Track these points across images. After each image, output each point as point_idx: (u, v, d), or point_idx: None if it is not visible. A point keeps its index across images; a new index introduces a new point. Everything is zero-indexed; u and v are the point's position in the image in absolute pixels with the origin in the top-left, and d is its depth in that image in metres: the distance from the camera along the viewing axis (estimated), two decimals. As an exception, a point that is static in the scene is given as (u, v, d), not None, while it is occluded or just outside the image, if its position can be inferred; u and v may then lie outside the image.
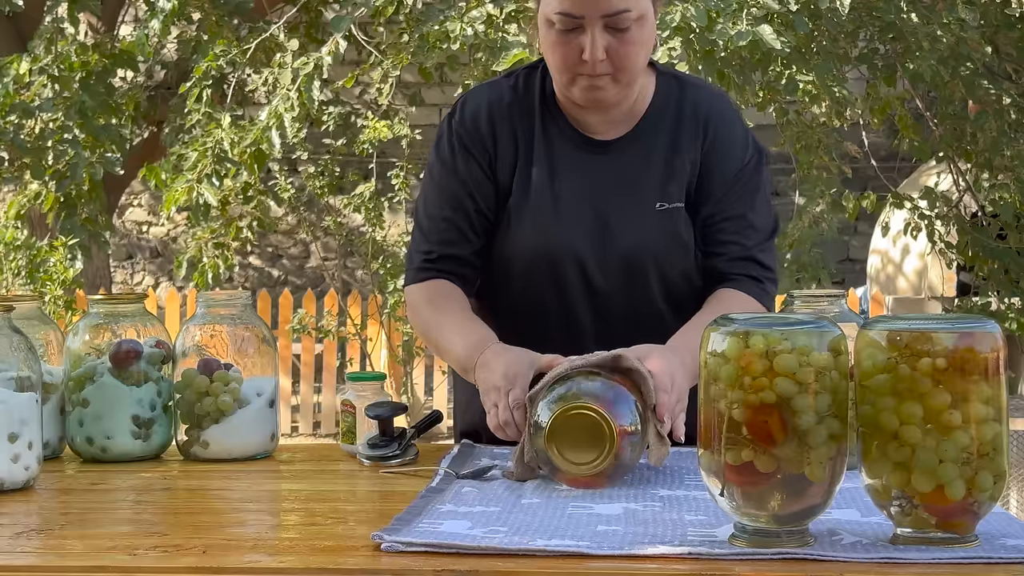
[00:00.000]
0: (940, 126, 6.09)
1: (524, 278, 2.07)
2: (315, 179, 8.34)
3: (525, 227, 2.06)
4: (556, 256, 2.05)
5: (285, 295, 8.83)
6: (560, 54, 1.97)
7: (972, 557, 1.29)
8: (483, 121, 2.09)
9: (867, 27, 5.61)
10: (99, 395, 1.96)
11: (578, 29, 1.94)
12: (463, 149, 2.09)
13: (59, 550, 1.41)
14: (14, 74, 6.69)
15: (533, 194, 2.06)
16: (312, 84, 6.01)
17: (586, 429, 1.59)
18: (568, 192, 2.06)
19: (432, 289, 2.08)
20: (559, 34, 1.96)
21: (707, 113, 2.09)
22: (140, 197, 11.15)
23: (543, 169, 2.06)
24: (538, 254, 2.05)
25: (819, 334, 1.31)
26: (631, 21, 1.94)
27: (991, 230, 6.16)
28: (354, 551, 1.35)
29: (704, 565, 1.28)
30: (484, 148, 2.08)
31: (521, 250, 2.07)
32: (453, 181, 2.09)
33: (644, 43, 1.98)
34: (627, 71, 1.98)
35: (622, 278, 2.05)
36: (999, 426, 1.30)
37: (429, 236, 2.11)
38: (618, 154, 2.07)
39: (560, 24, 1.95)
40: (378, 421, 1.90)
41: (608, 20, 1.93)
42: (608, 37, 1.94)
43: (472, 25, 5.87)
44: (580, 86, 1.99)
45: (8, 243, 7.37)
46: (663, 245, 2.06)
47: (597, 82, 1.97)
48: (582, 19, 1.93)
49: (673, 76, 2.14)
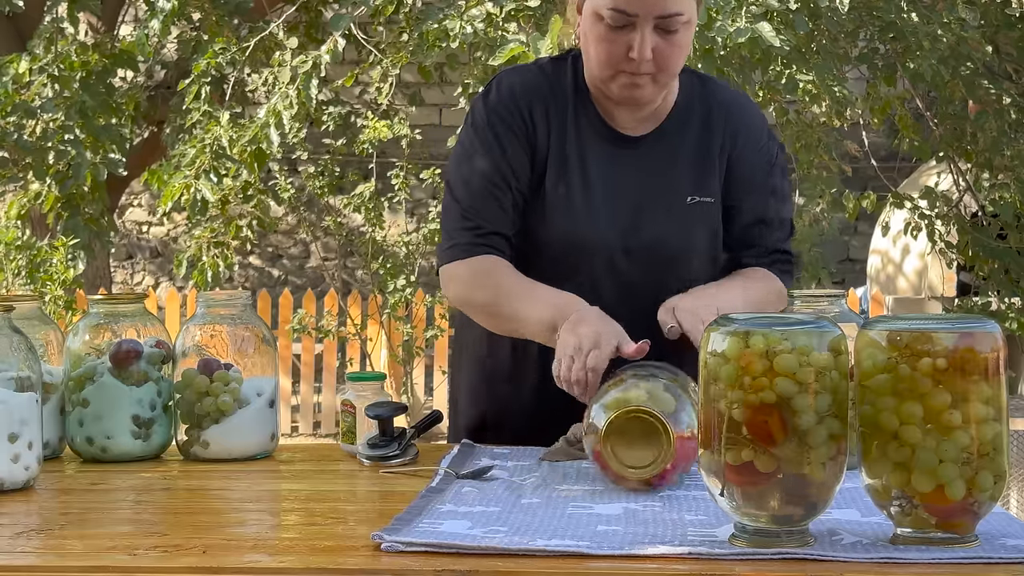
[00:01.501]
0: (940, 126, 6.09)
1: (552, 265, 2.06)
2: (315, 179, 8.34)
3: (555, 215, 2.05)
4: (585, 246, 2.05)
5: (285, 295, 8.83)
6: (606, 50, 1.97)
7: (972, 557, 1.29)
8: (520, 97, 2.07)
9: (867, 26, 5.60)
10: (99, 395, 1.96)
11: (628, 27, 1.94)
12: (502, 123, 2.06)
13: (59, 550, 1.41)
14: (14, 74, 6.69)
15: (564, 182, 2.06)
16: (311, 83, 6.01)
17: (643, 432, 1.59)
18: (599, 183, 2.06)
19: (484, 263, 2.03)
20: (608, 29, 1.95)
21: (730, 110, 2.11)
22: (140, 197, 11.15)
23: (575, 158, 2.06)
24: (567, 243, 2.05)
25: (819, 334, 1.31)
26: (680, 24, 1.94)
27: (991, 230, 6.16)
28: (354, 551, 1.35)
29: (704, 565, 1.28)
30: (523, 123, 2.06)
31: (550, 237, 2.06)
32: (492, 156, 2.06)
33: (687, 47, 1.99)
34: (668, 72, 1.99)
35: (650, 270, 2.05)
36: (999, 426, 1.30)
37: (470, 213, 2.05)
38: (647, 149, 2.08)
39: (611, 20, 1.94)
40: (378, 421, 1.90)
41: (660, 21, 1.93)
42: (656, 38, 1.94)
43: (472, 24, 5.87)
44: (620, 83, 1.99)
45: (8, 243, 7.37)
46: (693, 239, 2.07)
47: (638, 80, 1.98)
48: (635, 17, 1.93)
49: (693, 74, 2.15)
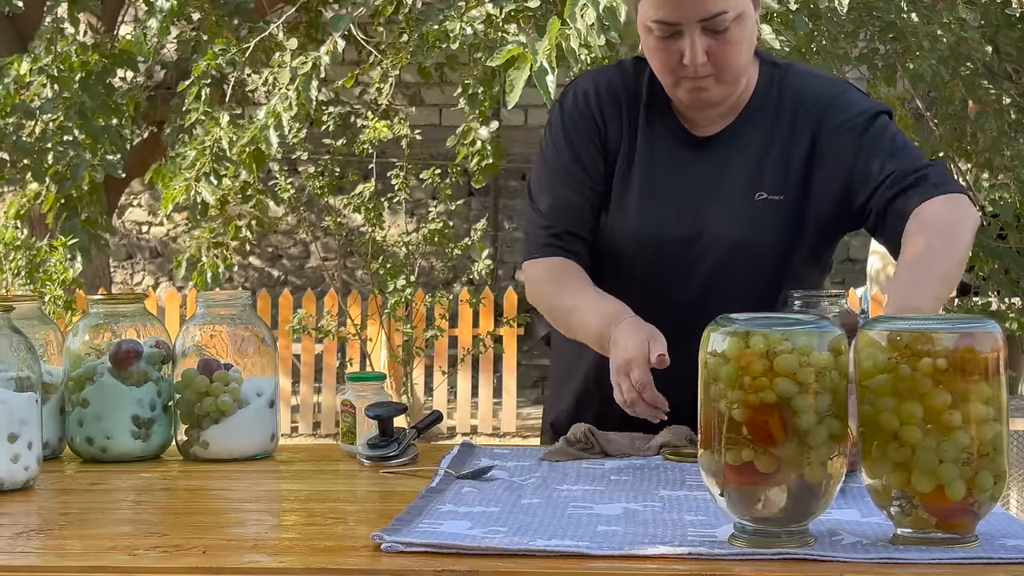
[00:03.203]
0: (940, 126, 6.09)
1: (625, 264, 2.08)
2: (315, 179, 8.34)
3: (628, 213, 2.07)
4: (653, 245, 2.05)
5: (285, 295, 8.83)
6: (661, 59, 1.98)
7: (972, 557, 1.28)
8: (593, 101, 2.11)
9: (867, 27, 5.61)
10: (99, 395, 1.96)
11: (676, 35, 1.94)
12: (576, 128, 2.11)
13: (59, 550, 1.41)
14: (14, 74, 6.70)
15: (636, 181, 2.07)
16: (310, 83, 6.01)
17: None
18: (665, 182, 2.06)
19: (557, 266, 2.08)
20: (658, 40, 1.96)
21: (808, 99, 2.05)
22: (140, 197, 11.16)
23: (645, 158, 2.08)
24: (636, 242, 2.06)
25: (819, 334, 1.31)
26: (729, 22, 1.93)
27: (991, 230, 6.16)
28: (354, 551, 1.35)
29: (704, 565, 1.28)
30: (596, 126, 2.10)
31: (622, 235, 2.07)
32: (570, 158, 2.10)
33: (745, 40, 1.97)
34: (730, 70, 1.98)
35: (718, 270, 2.04)
36: (999, 426, 1.30)
37: (550, 212, 2.10)
38: (717, 149, 2.07)
39: (658, 31, 1.95)
40: (378, 421, 1.90)
41: (705, 24, 1.92)
42: (707, 40, 1.93)
43: (472, 24, 5.87)
44: (684, 88, 1.99)
45: (8, 243, 7.37)
46: (759, 238, 2.04)
47: (701, 83, 1.97)
48: (679, 25, 1.93)
49: (775, 64, 2.12)
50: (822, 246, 2.12)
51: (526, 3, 5.82)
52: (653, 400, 1.82)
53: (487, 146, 7.10)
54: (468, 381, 8.74)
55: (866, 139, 2.00)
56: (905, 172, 1.96)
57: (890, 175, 1.96)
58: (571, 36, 4.43)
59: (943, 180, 1.96)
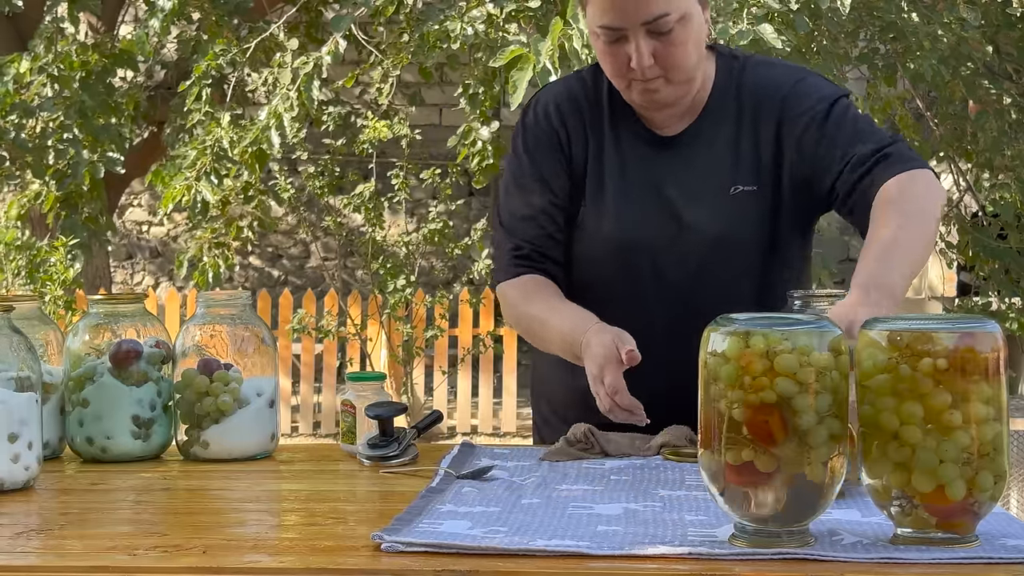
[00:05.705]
0: (940, 126, 6.09)
1: (600, 270, 2.09)
2: (315, 179, 8.35)
3: (597, 222, 2.08)
4: (629, 249, 2.06)
5: (285, 295, 8.84)
6: (610, 63, 2.01)
7: (972, 557, 1.28)
8: (554, 115, 2.12)
9: (867, 27, 5.60)
10: (99, 395, 1.96)
11: (622, 39, 1.96)
12: (538, 144, 2.12)
13: (59, 550, 1.41)
14: (14, 74, 6.70)
15: (610, 187, 2.08)
16: (312, 84, 6.02)
17: None
18: (639, 185, 2.07)
19: (526, 284, 2.10)
20: (606, 45, 1.98)
21: (768, 89, 2.06)
22: (140, 197, 11.16)
23: (614, 163, 2.09)
24: (611, 248, 2.07)
25: (819, 334, 1.31)
26: (672, 23, 1.94)
27: (991, 230, 6.15)
28: (354, 551, 1.35)
29: (704, 565, 1.28)
30: (558, 141, 2.11)
31: (602, 242, 2.08)
32: (532, 176, 2.12)
33: (692, 40, 1.98)
34: (679, 70, 1.99)
35: (695, 268, 2.05)
36: (999, 426, 1.30)
37: (514, 232, 2.12)
38: (684, 147, 2.08)
39: (604, 36, 1.97)
40: (378, 421, 1.90)
41: (649, 26, 1.94)
42: (652, 42, 1.95)
43: (472, 25, 5.88)
44: (636, 90, 2.01)
45: (8, 243, 7.37)
46: (740, 230, 2.05)
47: (651, 85, 1.99)
48: (623, 29, 1.95)
49: (733, 56, 2.12)
50: (800, 230, 2.13)
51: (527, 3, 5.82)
52: (627, 405, 1.83)
53: (488, 146, 7.11)
54: (468, 381, 8.74)
55: (828, 125, 2.02)
56: (867, 153, 1.97)
57: (852, 158, 1.97)
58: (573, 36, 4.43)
59: (906, 157, 1.97)
